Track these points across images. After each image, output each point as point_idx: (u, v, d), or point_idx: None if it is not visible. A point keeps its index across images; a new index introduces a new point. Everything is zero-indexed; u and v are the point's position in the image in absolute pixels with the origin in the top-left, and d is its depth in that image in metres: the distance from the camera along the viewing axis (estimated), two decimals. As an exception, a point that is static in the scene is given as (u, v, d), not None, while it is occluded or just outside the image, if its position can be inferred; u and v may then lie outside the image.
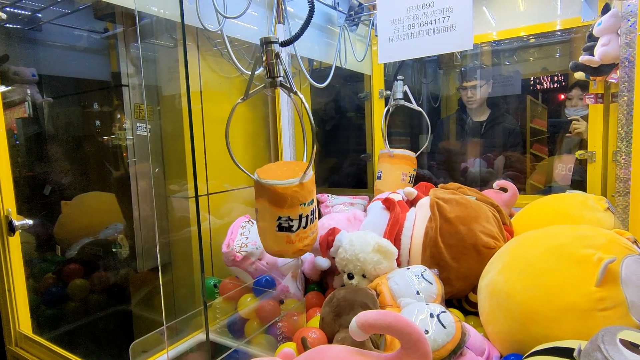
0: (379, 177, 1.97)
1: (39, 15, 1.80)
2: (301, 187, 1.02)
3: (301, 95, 1.02)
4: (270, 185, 1.00)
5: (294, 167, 1.08)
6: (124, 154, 1.83)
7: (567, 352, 0.71)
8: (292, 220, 1.04)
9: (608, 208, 1.28)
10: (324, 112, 2.90)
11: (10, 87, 1.70)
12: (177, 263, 1.70)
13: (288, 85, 1.06)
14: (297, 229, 1.05)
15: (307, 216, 1.06)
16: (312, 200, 1.07)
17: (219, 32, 1.53)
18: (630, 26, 1.16)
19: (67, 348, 1.19)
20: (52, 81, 1.90)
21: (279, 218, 1.03)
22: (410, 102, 2.04)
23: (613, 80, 1.49)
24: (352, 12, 2.21)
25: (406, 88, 2.01)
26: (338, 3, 2.11)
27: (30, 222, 1.23)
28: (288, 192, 1.00)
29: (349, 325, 0.72)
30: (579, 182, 1.99)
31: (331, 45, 2.21)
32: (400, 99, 2.03)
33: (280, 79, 1.05)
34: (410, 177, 1.95)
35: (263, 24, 1.79)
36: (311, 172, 1.06)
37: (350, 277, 1.24)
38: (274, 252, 1.11)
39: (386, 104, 2.36)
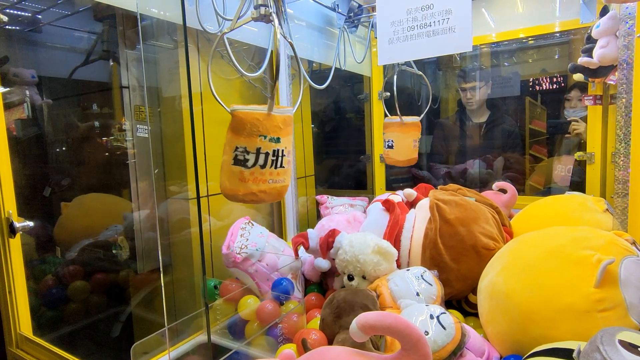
0: (391, 146, 1.99)
1: (39, 16, 1.80)
2: (266, 118, 0.96)
3: (277, 30, 1.03)
4: (233, 110, 0.96)
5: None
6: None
7: (567, 353, 0.71)
8: (248, 152, 0.97)
9: (607, 209, 1.29)
10: (324, 114, 2.90)
11: (9, 89, 1.70)
12: (177, 264, 1.70)
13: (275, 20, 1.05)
14: (253, 165, 0.98)
15: (266, 153, 0.98)
16: (279, 139, 1.00)
17: (219, 33, 1.53)
18: (629, 28, 1.16)
19: (68, 349, 1.20)
20: (51, 82, 1.90)
21: (236, 149, 0.97)
22: (412, 68, 2.11)
23: (612, 82, 1.49)
24: (352, 14, 2.22)
25: None
26: (337, 5, 2.11)
27: (31, 223, 1.23)
28: (248, 118, 0.95)
29: (350, 326, 0.72)
30: (578, 184, 2.00)
31: (330, 46, 2.22)
32: (402, 64, 2.08)
33: (270, 9, 1.05)
34: (418, 142, 2.03)
35: (263, 25, 1.79)
36: (289, 113, 1.01)
37: (350, 278, 1.24)
38: (225, 189, 1.03)
39: (386, 105, 2.38)
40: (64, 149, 1.94)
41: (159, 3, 1.43)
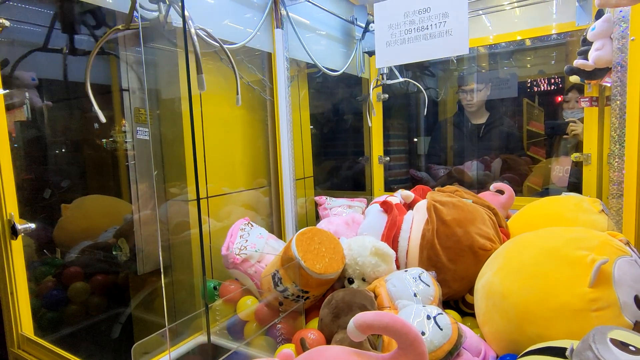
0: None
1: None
2: (307, 277, 1.15)
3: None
4: (297, 258, 1.15)
5: (331, 251, 1.24)
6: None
7: (560, 351, 0.72)
8: (281, 280, 1.19)
9: (602, 210, 1.30)
10: (322, 116, 2.92)
11: (9, 91, 1.71)
12: (177, 266, 1.71)
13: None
14: (275, 287, 1.20)
15: (287, 295, 1.19)
16: (306, 292, 1.19)
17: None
18: (623, 31, 1.18)
19: (69, 350, 1.20)
20: (51, 85, 1.91)
21: (277, 271, 1.21)
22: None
23: (607, 84, 1.51)
24: (369, 26, 2.40)
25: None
26: (356, 18, 2.39)
27: (32, 225, 1.24)
28: (300, 269, 1.15)
29: (347, 326, 0.73)
30: (575, 185, 2.01)
31: (341, 52, 2.39)
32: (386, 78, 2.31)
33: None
34: None
35: (262, 27, 1.81)
36: (329, 277, 1.18)
37: (351, 281, 1.25)
38: (261, 282, 1.30)
39: (384, 106, 2.40)
40: (63, 150, 1.95)
41: (158, 5, 1.44)
